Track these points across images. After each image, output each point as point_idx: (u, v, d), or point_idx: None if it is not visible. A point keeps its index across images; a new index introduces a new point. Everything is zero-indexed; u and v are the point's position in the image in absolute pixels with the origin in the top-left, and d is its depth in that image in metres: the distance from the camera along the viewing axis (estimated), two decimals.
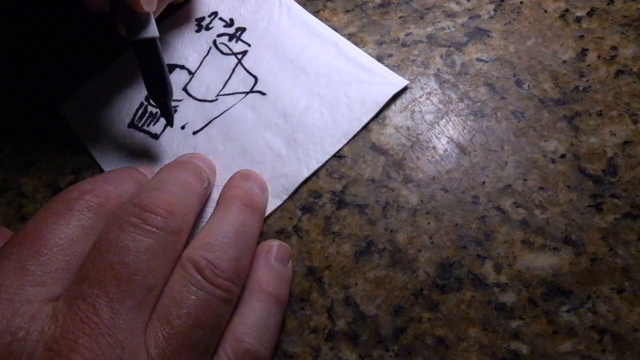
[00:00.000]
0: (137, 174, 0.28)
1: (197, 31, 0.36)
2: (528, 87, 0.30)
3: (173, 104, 0.33)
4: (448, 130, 0.29)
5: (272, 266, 0.25)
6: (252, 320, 0.23)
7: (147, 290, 0.21)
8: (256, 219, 0.26)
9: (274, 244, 0.26)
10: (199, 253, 0.22)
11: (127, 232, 0.21)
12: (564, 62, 0.30)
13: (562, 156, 0.27)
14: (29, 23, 0.40)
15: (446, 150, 0.29)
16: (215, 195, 0.29)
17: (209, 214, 0.29)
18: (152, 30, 0.28)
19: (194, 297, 0.21)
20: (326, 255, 0.27)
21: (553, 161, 0.27)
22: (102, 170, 0.33)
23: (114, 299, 0.20)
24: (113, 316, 0.19)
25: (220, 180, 0.30)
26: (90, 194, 0.23)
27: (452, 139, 0.29)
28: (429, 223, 0.27)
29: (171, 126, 0.31)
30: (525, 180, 0.27)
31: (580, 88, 0.29)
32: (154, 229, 0.22)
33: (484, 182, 0.28)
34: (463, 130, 0.29)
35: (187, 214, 0.24)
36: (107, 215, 0.23)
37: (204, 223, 0.28)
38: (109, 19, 0.31)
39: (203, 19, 0.36)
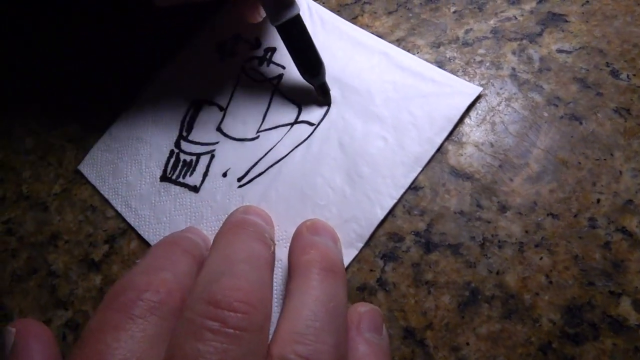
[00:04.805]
0: (188, 244, 0.23)
1: (221, 59, 0.31)
2: (627, 76, 0.25)
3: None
4: (540, 140, 0.25)
5: (368, 340, 0.21)
6: None
7: None
8: (341, 284, 0.22)
9: (363, 311, 0.22)
10: (291, 349, 0.18)
11: (206, 343, 0.17)
12: None
13: None
14: (39, 72, 0.35)
15: (543, 165, 0.24)
16: (279, 253, 0.25)
17: (278, 277, 0.25)
18: (296, 7, 0.26)
19: None
20: (424, 311, 0.23)
21: None
22: (139, 236, 0.28)
23: None
24: None
25: (279, 234, 0.26)
26: (148, 291, 0.19)
27: (548, 152, 0.24)
28: (541, 258, 0.23)
29: (328, 105, 0.28)
30: None
31: None
32: (238, 332, 0.17)
33: (598, 200, 0.23)
34: (559, 139, 0.25)
35: (265, 298, 0.20)
36: (173, 313, 0.19)
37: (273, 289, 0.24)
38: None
39: (225, 44, 0.32)
